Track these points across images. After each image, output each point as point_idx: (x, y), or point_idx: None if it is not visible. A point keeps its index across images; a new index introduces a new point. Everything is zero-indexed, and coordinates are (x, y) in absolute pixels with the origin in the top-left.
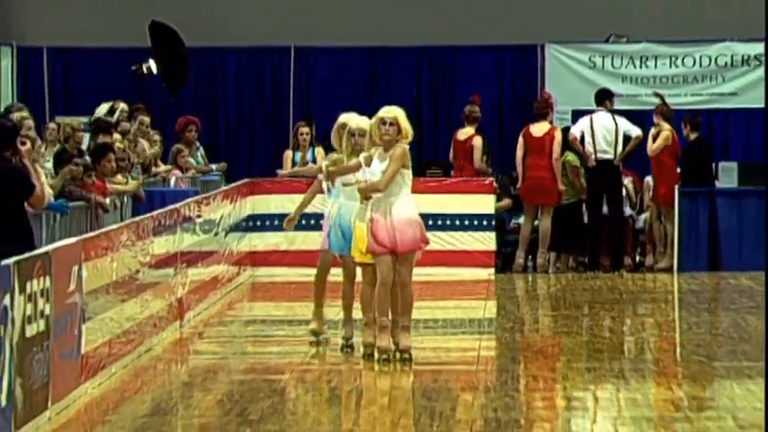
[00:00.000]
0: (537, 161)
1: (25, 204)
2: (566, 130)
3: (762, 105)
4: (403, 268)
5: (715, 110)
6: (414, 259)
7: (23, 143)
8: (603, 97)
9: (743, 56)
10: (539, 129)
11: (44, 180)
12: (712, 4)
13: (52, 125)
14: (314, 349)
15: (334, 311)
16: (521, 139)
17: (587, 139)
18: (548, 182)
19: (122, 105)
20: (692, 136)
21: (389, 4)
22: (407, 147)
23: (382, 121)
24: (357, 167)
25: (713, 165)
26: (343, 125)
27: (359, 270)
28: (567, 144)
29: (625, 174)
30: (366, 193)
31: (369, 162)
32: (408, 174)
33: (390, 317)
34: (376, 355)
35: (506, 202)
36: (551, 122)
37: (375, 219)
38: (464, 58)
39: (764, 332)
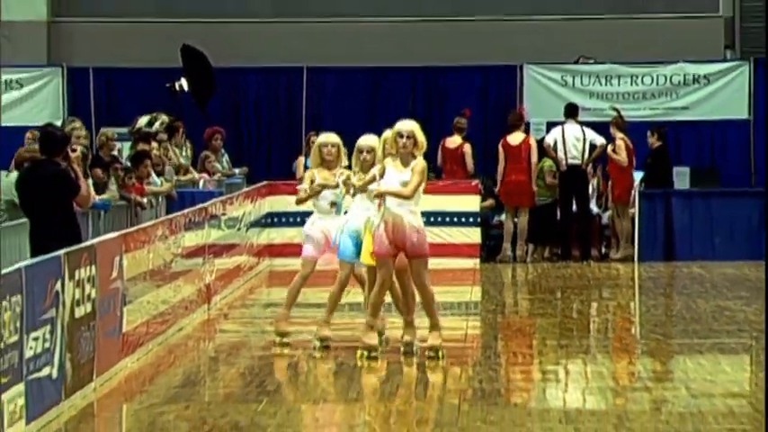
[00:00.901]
0: (515, 166)
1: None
2: (541, 140)
3: (710, 118)
4: (418, 270)
5: (669, 122)
6: (427, 264)
7: (73, 150)
8: (572, 111)
9: (693, 75)
10: (515, 138)
11: (90, 183)
12: (667, 31)
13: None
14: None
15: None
16: (500, 148)
17: (559, 146)
18: (525, 185)
19: (163, 117)
20: (656, 144)
21: (389, 30)
22: (425, 163)
23: (399, 134)
24: (373, 180)
25: (671, 169)
26: (359, 149)
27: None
28: (544, 151)
29: (593, 176)
30: (384, 195)
31: (382, 173)
32: (423, 188)
33: (408, 317)
34: (365, 352)
35: (490, 202)
36: (525, 132)
37: (390, 224)
38: (453, 77)
39: (764, 328)
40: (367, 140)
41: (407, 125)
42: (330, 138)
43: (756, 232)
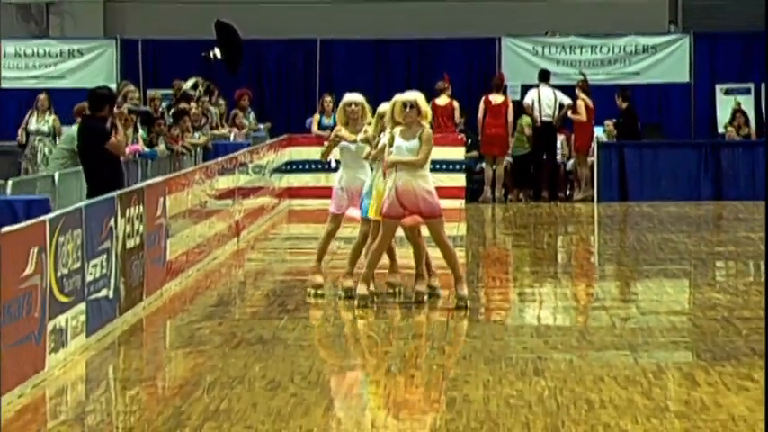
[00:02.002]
0: (494, 122)
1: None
2: (520, 100)
3: (657, 81)
4: (437, 229)
5: (624, 85)
6: (443, 223)
7: (119, 106)
8: (545, 76)
9: (643, 45)
10: (496, 98)
11: (128, 133)
12: (622, 9)
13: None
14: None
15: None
16: (482, 104)
17: (535, 106)
18: (502, 138)
19: (200, 81)
20: (624, 105)
21: (389, 8)
22: (431, 131)
23: (404, 105)
24: (383, 150)
25: (638, 125)
26: (380, 114)
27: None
28: (522, 109)
29: (561, 132)
30: (395, 164)
31: (392, 142)
32: (431, 152)
33: (419, 268)
34: (359, 301)
35: (474, 153)
36: (504, 94)
37: (401, 189)
38: (443, 48)
39: (764, 323)
40: (351, 96)
41: (411, 95)
42: (354, 97)
43: (695, 177)
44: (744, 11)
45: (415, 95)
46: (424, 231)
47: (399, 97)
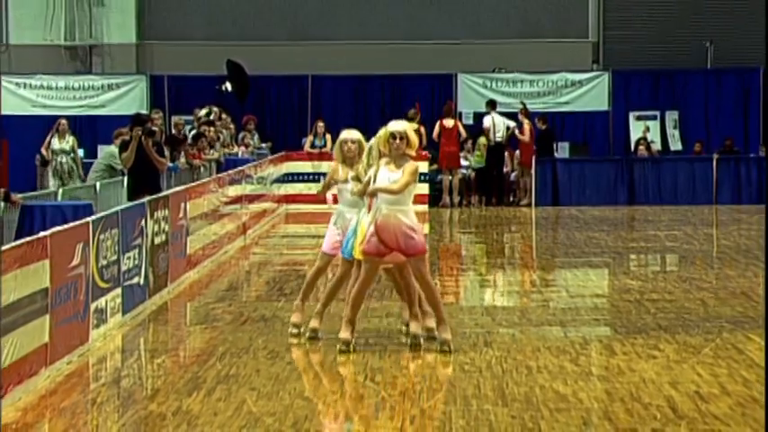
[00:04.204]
0: (447, 141)
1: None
2: (473, 124)
3: (582, 109)
4: (416, 267)
5: (556, 112)
6: (425, 260)
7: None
8: (493, 104)
9: (572, 80)
10: (448, 122)
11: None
12: (555, 50)
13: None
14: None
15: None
16: (437, 127)
17: (491, 129)
18: (454, 154)
19: (215, 109)
20: (543, 127)
21: (367, 50)
22: (418, 165)
23: (393, 136)
24: (368, 183)
25: (554, 144)
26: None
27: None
28: (481, 131)
29: (507, 149)
30: (375, 192)
31: (374, 175)
32: (414, 188)
33: (412, 309)
34: (340, 346)
35: (435, 166)
36: (454, 118)
37: (380, 223)
38: (410, 82)
39: (765, 324)
40: (348, 134)
41: (400, 126)
42: (351, 135)
43: (613, 186)
44: (652, 53)
45: (404, 126)
46: None
47: (388, 127)
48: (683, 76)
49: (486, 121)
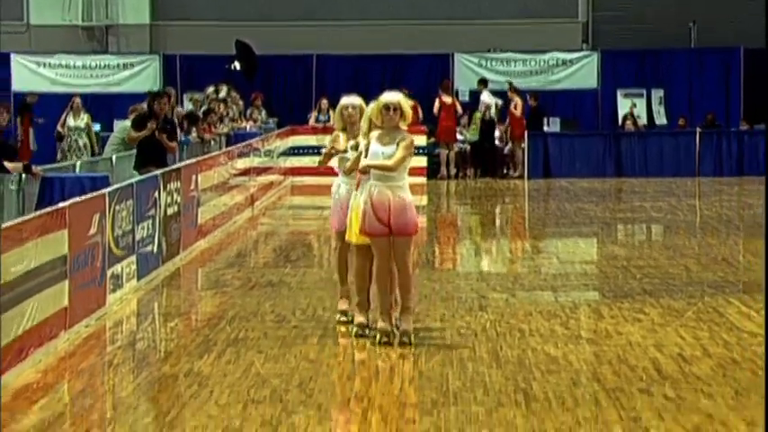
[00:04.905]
0: (447, 116)
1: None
2: (468, 102)
3: (573, 87)
4: (401, 249)
5: (548, 90)
6: (411, 243)
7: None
8: (485, 82)
9: (563, 60)
10: (447, 99)
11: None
12: (546, 31)
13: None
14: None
15: None
16: (437, 103)
17: (491, 104)
18: (452, 129)
19: (224, 86)
20: (534, 103)
21: (369, 30)
22: (413, 138)
23: (386, 107)
24: (358, 159)
25: (545, 119)
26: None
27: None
28: (476, 107)
29: (500, 124)
30: (368, 169)
31: (368, 148)
32: (410, 162)
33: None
34: (377, 336)
35: (432, 140)
36: (451, 95)
37: (375, 201)
38: (410, 62)
39: (765, 323)
40: (348, 99)
41: (394, 97)
42: (351, 100)
43: (601, 159)
44: (638, 34)
45: (397, 96)
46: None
47: (381, 98)
48: (667, 56)
49: (485, 98)
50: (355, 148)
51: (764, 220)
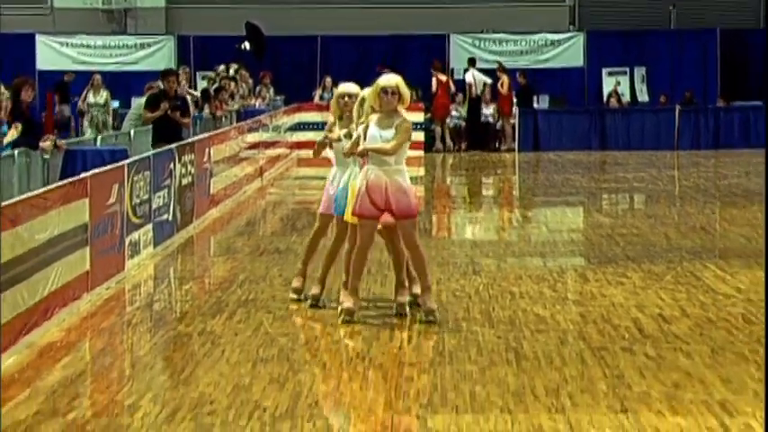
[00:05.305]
0: (442, 93)
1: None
2: (462, 80)
3: (560, 66)
4: (407, 231)
5: (537, 69)
6: (416, 224)
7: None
8: (472, 62)
9: (551, 40)
10: (441, 77)
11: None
12: (536, 13)
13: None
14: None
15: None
16: (434, 81)
17: (472, 84)
18: (447, 105)
19: (234, 65)
20: (523, 81)
21: (371, 12)
22: (411, 123)
23: (384, 91)
24: (358, 142)
25: (534, 96)
26: (364, 98)
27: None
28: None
29: (491, 101)
30: (366, 152)
31: (365, 132)
32: (408, 146)
33: (399, 277)
34: (344, 316)
35: (428, 115)
36: (445, 73)
37: (371, 183)
38: (409, 42)
39: (765, 323)
40: (345, 87)
41: (392, 80)
42: (349, 88)
43: (587, 133)
44: (622, 16)
45: (396, 79)
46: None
47: (379, 82)
48: (649, 37)
49: (468, 77)
50: (348, 135)
51: (764, 193)
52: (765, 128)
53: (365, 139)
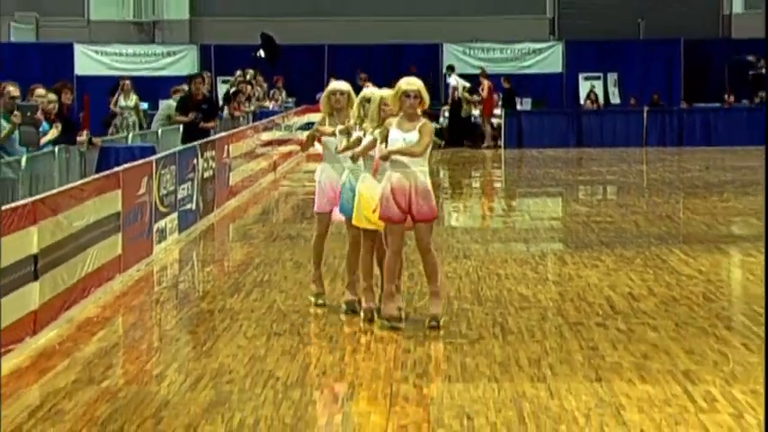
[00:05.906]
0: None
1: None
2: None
3: (542, 71)
4: (422, 234)
5: (521, 74)
6: (432, 228)
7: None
8: (452, 68)
9: (533, 48)
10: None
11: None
12: (519, 24)
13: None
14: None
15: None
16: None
17: (457, 87)
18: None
19: (251, 71)
20: (507, 86)
21: (374, 24)
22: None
23: (406, 94)
24: (373, 145)
25: (518, 99)
26: (365, 98)
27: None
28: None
29: (478, 103)
30: (388, 156)
31: (385, 136)
32: (430, 148)
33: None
34: (382, 321)
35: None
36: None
37: (395, 186)
38: (407, 49)
39: (765, 323)
40: (336, 85)
41: (413, 83)
42: (339, 86)
43: (565, 133)
44: (597, 27)
45: (418, 83)
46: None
47: (400, 85)
48: (621, 45)
49: (453, 81)
50: (345, 132)
51: (765, 187)
52: (766, 128)
53: (382, 142)
